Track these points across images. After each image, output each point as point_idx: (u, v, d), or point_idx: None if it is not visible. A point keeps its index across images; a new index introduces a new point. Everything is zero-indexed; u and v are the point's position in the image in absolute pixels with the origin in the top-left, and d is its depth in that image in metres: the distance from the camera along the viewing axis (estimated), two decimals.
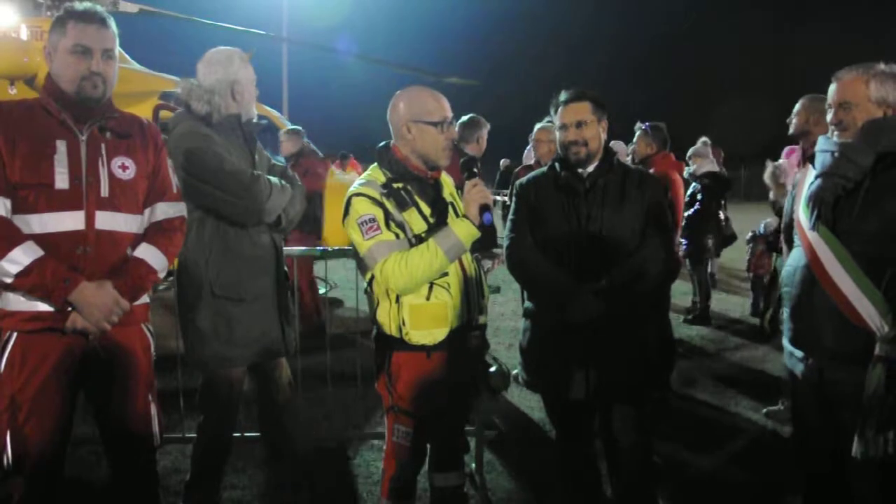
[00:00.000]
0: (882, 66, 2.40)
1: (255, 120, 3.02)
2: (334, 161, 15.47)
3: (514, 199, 2.98)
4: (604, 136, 2.81)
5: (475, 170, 2.55)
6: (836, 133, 2.45)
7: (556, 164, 2.87)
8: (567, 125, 2.76)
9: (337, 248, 4.42)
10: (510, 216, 2.96)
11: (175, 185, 2.59)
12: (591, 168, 2.79)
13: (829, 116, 2.47)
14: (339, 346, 4.42)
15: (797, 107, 4.19)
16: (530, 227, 2.85)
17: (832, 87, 2.47)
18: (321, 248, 4.56)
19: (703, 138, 7.85)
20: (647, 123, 5.69)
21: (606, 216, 2.73)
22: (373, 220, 2.42)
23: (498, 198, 10.82)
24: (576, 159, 2.77)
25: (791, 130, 4.22)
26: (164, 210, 2.52)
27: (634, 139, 5.79)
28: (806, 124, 4.06)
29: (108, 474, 2.59)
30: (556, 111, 2.82)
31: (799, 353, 2.55)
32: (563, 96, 2.80)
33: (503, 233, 2.97)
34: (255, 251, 2.92)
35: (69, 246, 2.28)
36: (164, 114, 7.13)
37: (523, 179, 2.99)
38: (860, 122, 2.38)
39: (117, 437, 2.50)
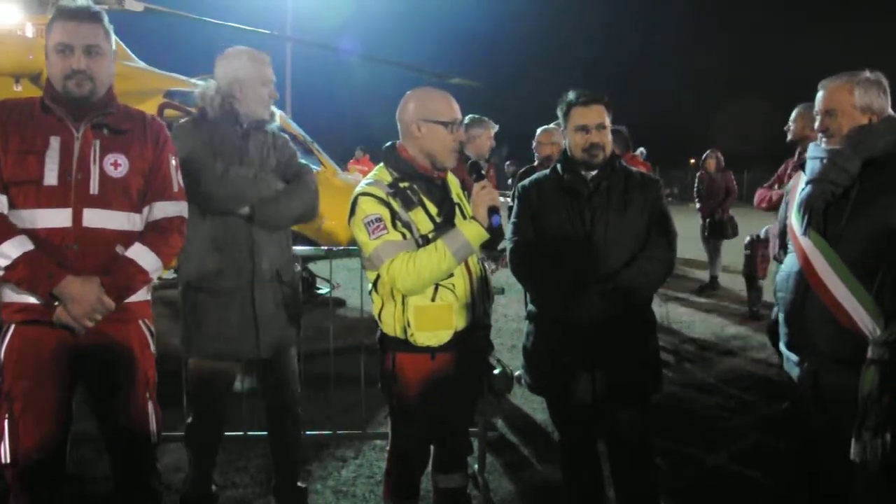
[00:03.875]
0: (867, 73, 2.46)
1: (269, 120, 2.99)
2: (362, 156, 15.51)
3: (516, 201, 2.98)
4: (610, 141, 2.82)
5: (483, 171, 2.56)
6: (823, 140, 2.50)
7: (559, 166, 2.86)
8: (589, 127, 2.72)
9: (341, 247, 4.42)
10: (512, 218, 2.95)
11: (176, 184, 2.55)
12: (594, 171, 2.78)
13: (815, 124, 2.53)
14: (343, 346, 4.42)
15: (793, 114, 4.55)
16: (533, 230, 2.85)
17: (818, 96, 2.52)
18: (326, 247, 4.56)
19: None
20: None
21: (610, 219, 2.72)
22: (379, 219, 2.41)
23: (501, 199, 10.78)
24: (595, 162, 2.75)
25: (789, 137, 4.59)
26: (163, 209, 2.50)
27: None
28: (803, 130, 4.41)
29: (110, 471, 2.60)
30: (567, 112, 2.78)
31: (795, 358, 2.58)
32: (580, 97, 2.76)
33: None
34: (226, 245, 2.90)
35: (56, 242, 2.30)
36: (169, 112, 7.14)
37: (525, 182, 2.98)
38: (846, 129, 2.43)
39: (115, 434, 2.51)
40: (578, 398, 2.73)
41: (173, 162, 2.56)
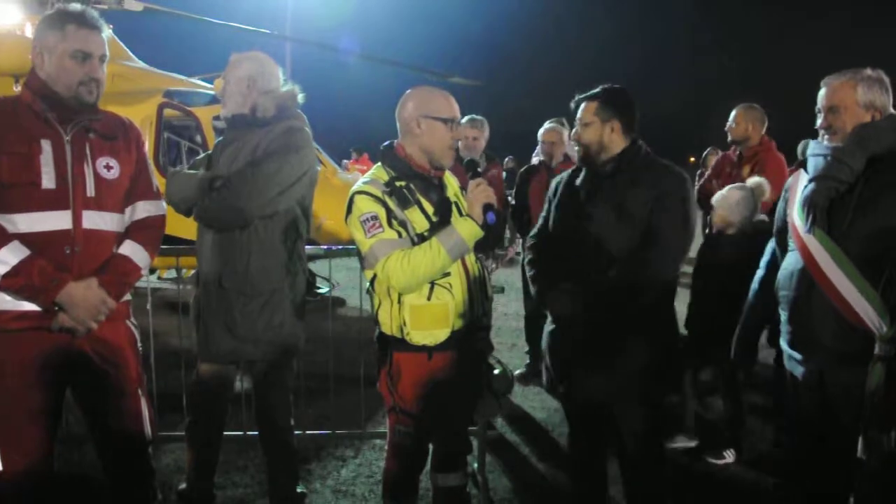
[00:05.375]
0: (869, 70, 2.45)
1: (251, 116, 2.93)
2: (357, 157, 15.51)
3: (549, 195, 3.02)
4: (613, 137, 2.71)
5: (479, 169, 2.56)
6: (826, 137, 2.49)
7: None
8: (576, 124, 2.79)
9: (340, 246, 4.42)
10: (542, 213, 2.99)
11: (154, 185, 2.61)
12: (608, 168, 2.74)
13: (818, 121, 2.52)
14: (342, 346, 4.42)
15: (733, 115, 4.87)
16: (547, 224, 2.89)
17: (821, 92, 2.51)
18: (325, 246, 4.56)
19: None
20: None
21: (606, 218, 2.67)
22: (375, 217, 2.42)
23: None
24: (577, 158, 2.80)
25: (731, 136, 4.93)
26: (146, 208, 2.55)
27: None
28: (745, 131, 4.80)
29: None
30: (574, 111, 2.83)
31: (798, 356, 2.57)
32: (578, 96, 2.80)
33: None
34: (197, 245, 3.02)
35: (57, 245, 2.29)
36: (168, 112, 7.14)
37: (558, 176, 3.02)
38: (849, 126, 2.42)
39: (110, 434, 2.51)
40: (583, 397, 2.73)
41: (150, 163, 2.63)
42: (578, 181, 2.81)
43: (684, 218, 2.63)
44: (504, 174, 14.55)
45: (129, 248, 2.46)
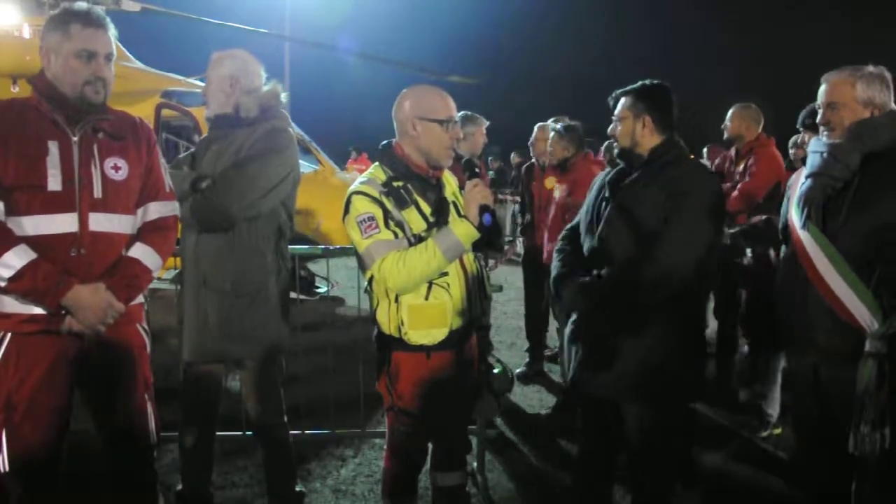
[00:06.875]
0: (870, 67, 2.44)
1: (235, 115, 2.90)
2: (357, 156, 15.49)
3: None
4: (644, 132, 2.63)
5: (476, 169, 2.55)
6: (825, 134, 2.49)
7: None
8: (613, 120, 2.72)
9: (339, 246, 4.42)
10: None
11: (167, 185, 2.57)
12: (637, 165, 2.69)
13: (818, 117, 2.52)
14: (341, 345, 4.42)
15: (729, 114, 5.05)
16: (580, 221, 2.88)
17: (821, 89, 2.51)
18: (323, 246, 4.56)
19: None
20: (560, 124, 5.03)
21: (616, 217, 2.62)
22: (371, 218, 2.41)
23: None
24: (616, 157, 2.78)
25: (726, 134, 5.11)
26: (158, 209, 2.52)
27: (549, 141, 5.15)
28: (739, 129, 4.97)
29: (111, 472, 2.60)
30: None
31: (794, 351, 2.58)
32: (616, 91, 2.74)
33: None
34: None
35: (63, 248, 2.27)
36: (166, 112, 7.14)
37: (602, 173, 2.96)
38: (847, 123, 2.42)
39: (115, 435, 2.51)
40: (587, 392, 2.72)
41: (163, 162, 2.59)
42: (608, 178, 2.74)
43: (696, 219, 2.50)
44: (491, 172, 14.39)
45: (139, 251, 2.43)
